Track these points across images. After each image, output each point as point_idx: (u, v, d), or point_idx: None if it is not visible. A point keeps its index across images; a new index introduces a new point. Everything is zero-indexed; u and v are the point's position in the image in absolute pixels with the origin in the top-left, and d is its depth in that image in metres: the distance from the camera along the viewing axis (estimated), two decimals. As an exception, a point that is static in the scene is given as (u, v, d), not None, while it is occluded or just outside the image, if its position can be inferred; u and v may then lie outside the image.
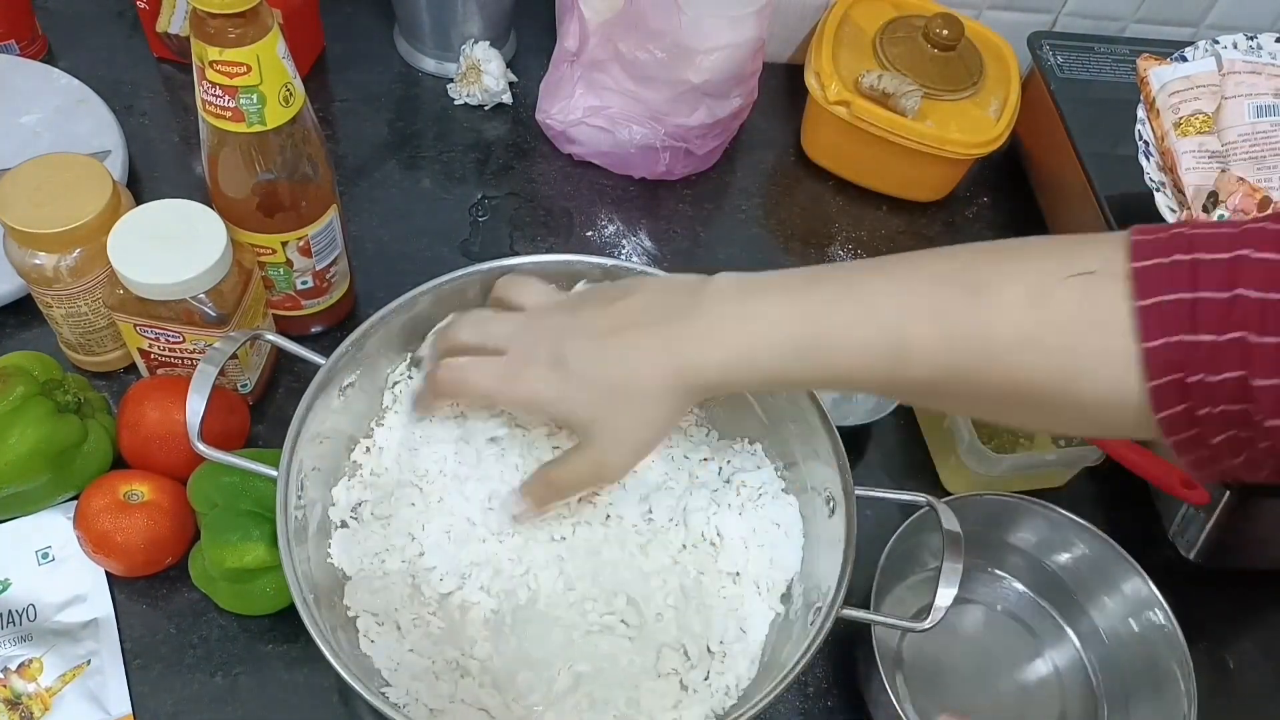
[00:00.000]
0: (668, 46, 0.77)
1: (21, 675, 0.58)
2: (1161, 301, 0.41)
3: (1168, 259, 0.42)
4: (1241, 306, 0.40)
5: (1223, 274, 0.40)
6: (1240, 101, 0.74)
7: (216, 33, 0.55)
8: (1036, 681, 0.67)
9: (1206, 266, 0.41)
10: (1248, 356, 0.40)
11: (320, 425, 0.57)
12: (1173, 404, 0.42)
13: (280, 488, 0.53)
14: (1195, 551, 0.70)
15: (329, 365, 0.57)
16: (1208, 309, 0.40)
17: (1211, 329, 0.40)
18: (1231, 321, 0.40)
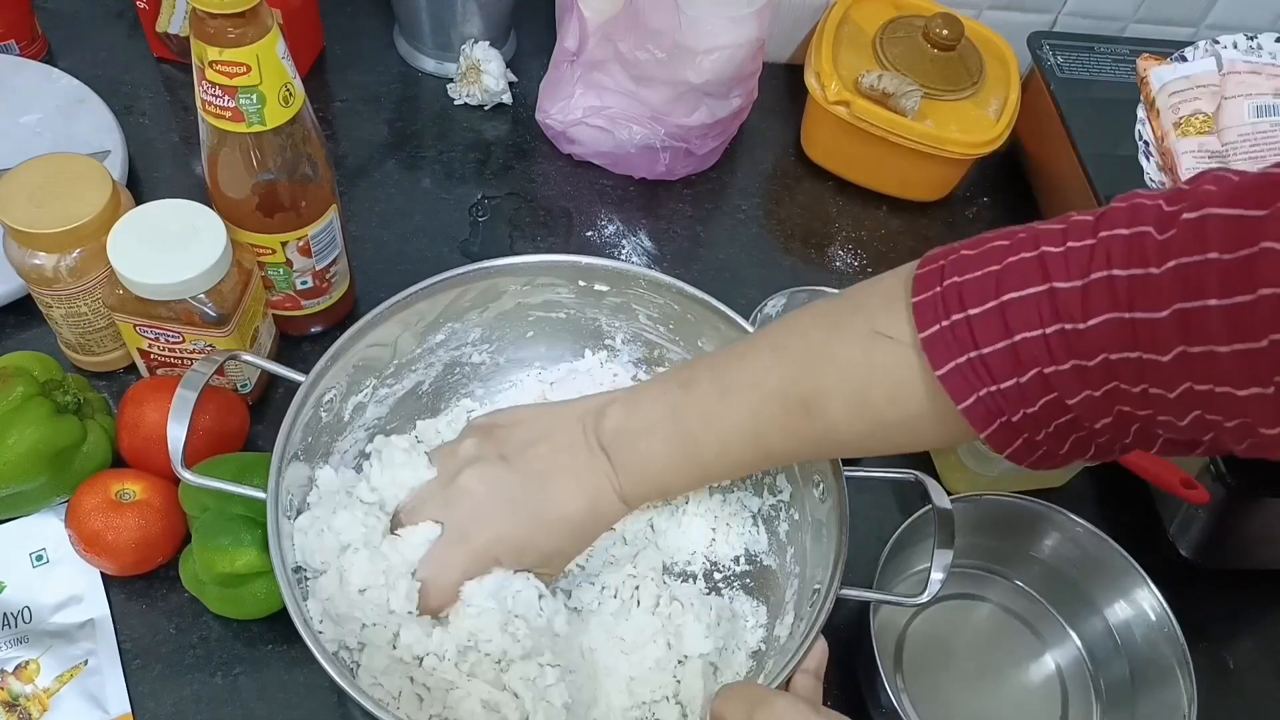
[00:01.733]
0: (667, 46, 0.77)
1: (19, 677, 0.58)
2: (957, 365, 0.45)
3: (947, 321, 0.45)
4: (1026, 348, 0.43)
5: (997, 325, 0.44)
6: (1240, 101, 0.74)
7: (216, 33, 0.55)
8: (1037, 680, 0.67)
9: (979, 321, 0.45)
10: (1050, 384, 0.44)
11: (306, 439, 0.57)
12: (1010, 441, 0.46)
13: (270, 509, 0.53)
14: (1195, 551, 0.70)
15: (309, 381, 0.57)
16: (998, 360, 0.44)
17: (1009, 375, 0.44)
18: (1023, 363, 0.44)
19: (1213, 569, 0.71)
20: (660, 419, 0.55)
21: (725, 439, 0.54)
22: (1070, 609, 0.69)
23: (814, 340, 0.52)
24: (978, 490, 0.68)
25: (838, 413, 0.50)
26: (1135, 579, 0.65)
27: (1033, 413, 0.44)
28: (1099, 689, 0.67)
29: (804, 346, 0.52)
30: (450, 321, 0.65)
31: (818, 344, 0.51)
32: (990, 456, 0.68)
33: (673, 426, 0.55)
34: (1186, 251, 0.39)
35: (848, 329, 0.51)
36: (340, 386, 0.60)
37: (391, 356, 0.63)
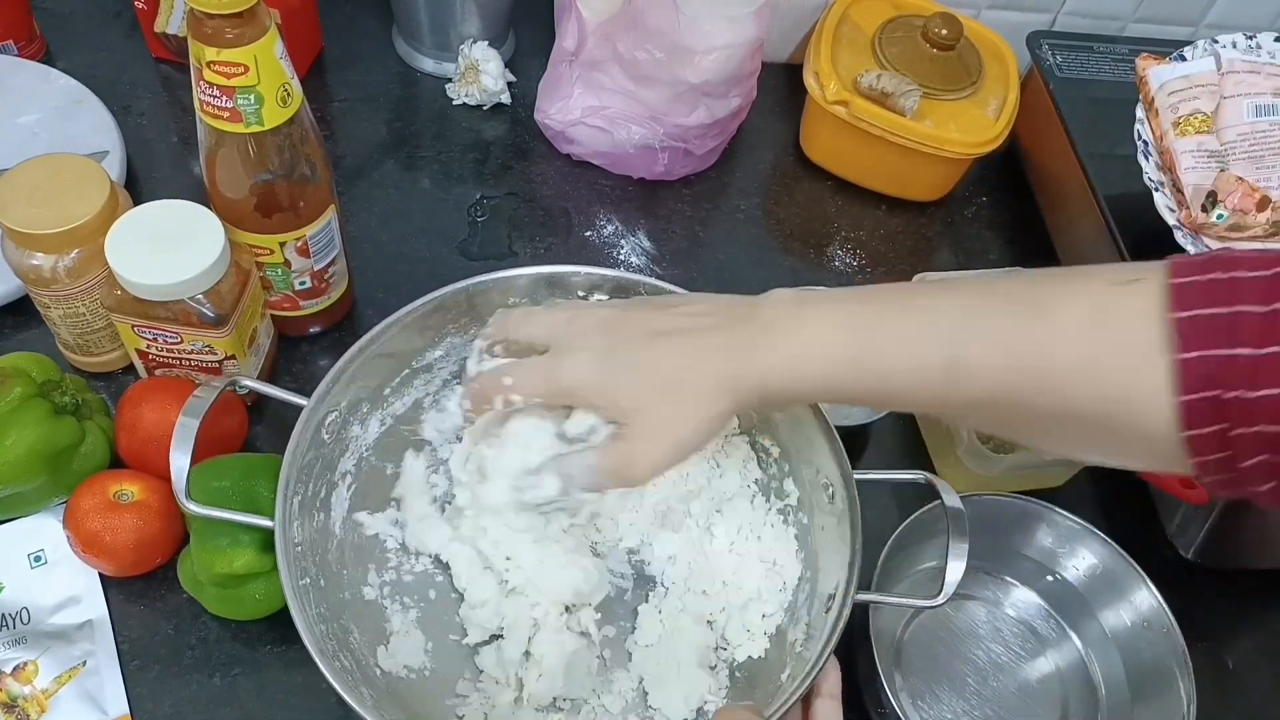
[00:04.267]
0: (666, 46, 0.77)
1: (17, 678, 0.58)
2: (1197, 315, 0.40)
3: (1205, 276, 0.41)
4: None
5: (1263, 289, 0.40)
6: (1239, 101, 0.74)
7: (214, 33, 0.54)
8: (1037, 681, 0.67)
9: (1246, 283, 0.40)
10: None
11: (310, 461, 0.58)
12: (1205, 422, 0.41)
13: (279, 537, 0.53)
14: (1195, 551, 0.70)
15: (311, 405, 0.57)
16: (1246, 323, 0.39)
17: (1250, 343, 0.39)
18: (1272, 336, 0.39)
19: (1212, 569, 0.71)
20: (847, 299, 0.49)
21: (923, 321, 0.46)
22: (1069, 610, 0.69)
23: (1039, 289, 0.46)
24: (977, 490, 0.68)
25: (1066, 319, 0.43)
26: (1135, 579, 0.65)
27: (1249, 400, 0.39)
28: (1098, 690, 0.67)
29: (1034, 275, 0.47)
30: (450, 337, 0.65)
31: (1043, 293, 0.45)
32: (989, 456, 0.68)
33: (860, 302, 0.48)
34: None
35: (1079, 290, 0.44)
36: (340, 409, 0.60)
37: (392, 375, 0.63)
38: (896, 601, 0.60)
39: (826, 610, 0.56)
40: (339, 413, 0.59)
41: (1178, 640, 0.63)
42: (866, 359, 0.47)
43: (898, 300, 0.48)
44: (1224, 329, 0.40)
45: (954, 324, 0.46)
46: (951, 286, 0.48)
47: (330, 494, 0.60)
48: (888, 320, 0.47)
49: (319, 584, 0.56)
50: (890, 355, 0.47)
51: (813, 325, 0.48)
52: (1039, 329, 0.44)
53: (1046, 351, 0.43)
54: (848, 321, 0.48)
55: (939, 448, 0.74)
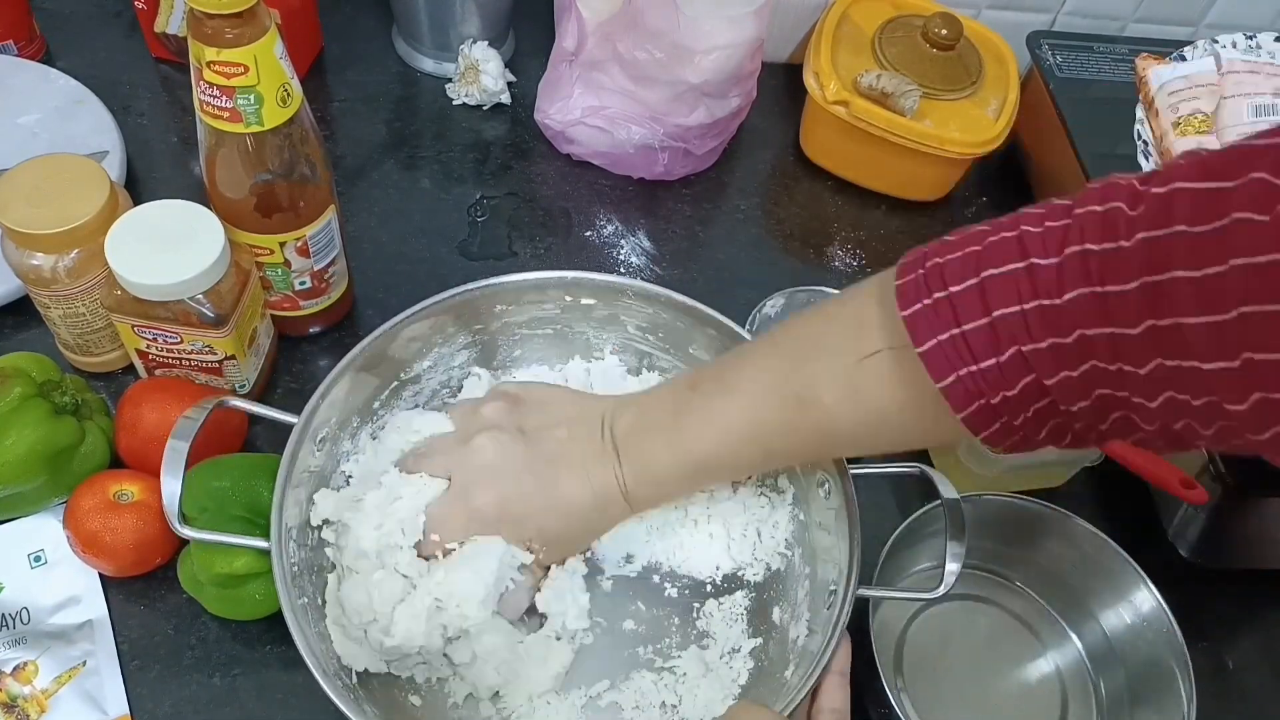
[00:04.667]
0: (666, 46, 0.77)
1: (16, 678, 0.58)
2: (938, 342, 0.45)
3: (929, 299, 0.46)
4: (1004, 325, 0.43)
5: (977, 301, 0.44)
6: (1239, 101, 0.74)
7: (214, 33, 0.54)
8: (1037, 681, 0.67)
9: (959, 298, 0.45)
10: (1029, 364, 0.43)
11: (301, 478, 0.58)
12: (989, 423, 0.46)
13: (275, 558, 0.53)
14: (1194, 551, 0.70)
15: (301, 424, 0.57)
16: (977, 338, 0.44)
17: (988, 354, 0.44)
18: (1002, 341, 0.44)
19: (1212, 569, 0.71)
20: (664, 418, 0.56)
21: (724, 437, 0.54)
22: (1069, 610, 0.69)
23: (807, 334, 0.53)
24: (977, 490, 0.68)
25: (830, 402, 0.51)
26: (1134, 579, 0.65)
27: (1012, 395, 0.44)
28: (1098, 690, 0.67)
29: (797, 341, 0.53)
30: (437, 347, 0.65)
31: (810, 337, 0.53)
32: (989, 457, 0.68)
33: (675, 426, 0.56)
34: (1154, 225, 0.39)
35: (837, 319, 0.52)
36: (331, 425, 0.60)
37: (381, 389, 0.63)
38: (897, 595, 0.60)
39: (828, 606, 0.56)
40: (329, 428, 0.59)
41: (1178, 640, 0.63)
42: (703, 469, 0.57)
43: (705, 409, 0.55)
44: (964, 349, 0.45)
45: (754, 426, 0.54)
46: (735, 379, 0.55)
47: None
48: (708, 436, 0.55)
49: (317, 602, 0.56)
50: (718, 462, 0.56)
51: (658, 453, 0.56)
52: (810, 416, 0.52)
53: (825, 429, 0.52)
54: (680, 446, 0.56)
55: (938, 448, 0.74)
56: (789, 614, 0.61)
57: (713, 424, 0.55)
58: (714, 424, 0.55)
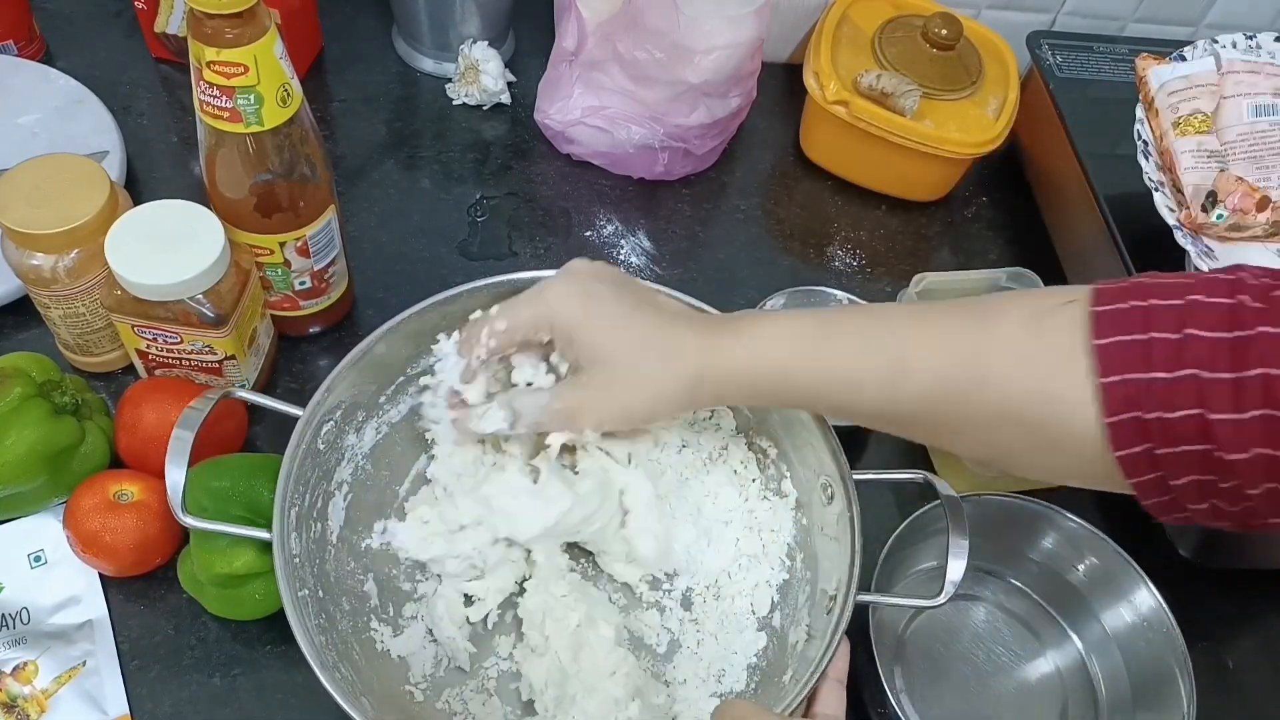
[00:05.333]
0: (666, 46, 0.77)
1: (16, 678, 0.58)
2: (1117, 341, 0.44)
3: (1125, 304, 0.44)
4: (1192, 346, 0.42)
5: (1174, 317, 0.43)
6: (1239, 101, 0.74)
7: (214, 33, 0.54)
8: (1037, 681, 0.67)
9: (1160, 311, 0.43)
10: (1202, 393, 0.42)
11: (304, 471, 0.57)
12: (1132, 442, 0.44)
13: (277, 550, 0.53)
14: (1194, 551, 0.70)
15: (306, 416, 0.57)
16: (1160, 348, 0.43)
17: (1164, 367, 0.42)
18: (1183, 360, 0.42)
19: (1212, 569, 0.71)
20: (794, 315, 0.54)
21: (858, 325, 0.51)
22: (1069, 610, 0.69)
23: (980, 314, 0.49)
24: (977, 490, 0.68)
25: (1009, 325, 0.47)
26: (1134, 579, 0.65)
27: (1170, 420, 0.43)
28: (1098, 690, 0.67)
29: (967, 302, 0.51)
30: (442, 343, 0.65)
31: (984, 317, 0.49)
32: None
33: (802, 314, 0.53)
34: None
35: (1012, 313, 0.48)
36: (336, 419, 0.59)
37: (386, 383, 0.63)
38: (897, 602, 0.60)
39: (827, 611, 0.56)
40: (334, 422, 0.59)
41: (1178, 640, 0.63)
42: (822, 349, 0.51)
43: (852, 311, 0.53)
44: (1140, 355, 0.43)
45: (902, 326, 0.50)
46: (911, 306, 0.52)
47: (327, 504, 0.60)
48: (842, 321, 0.52)
49: (317, 594, 0.56)
50: (842, 347, 0.51)
51: (775, 324, 0.53)
52: (978, 333, 0.48)
53: (984, 350, 0.48)
54: (806, 322, 0.52)
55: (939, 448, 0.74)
56: (789, 618, 0.61)
57: (865, 312, 0.53)
58: (866, 312, 0.52)
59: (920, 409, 0.50)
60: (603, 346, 0.53)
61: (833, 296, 0.75)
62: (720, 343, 0.52)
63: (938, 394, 0.49)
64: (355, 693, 0.52)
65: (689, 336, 0.53)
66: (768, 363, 0.52)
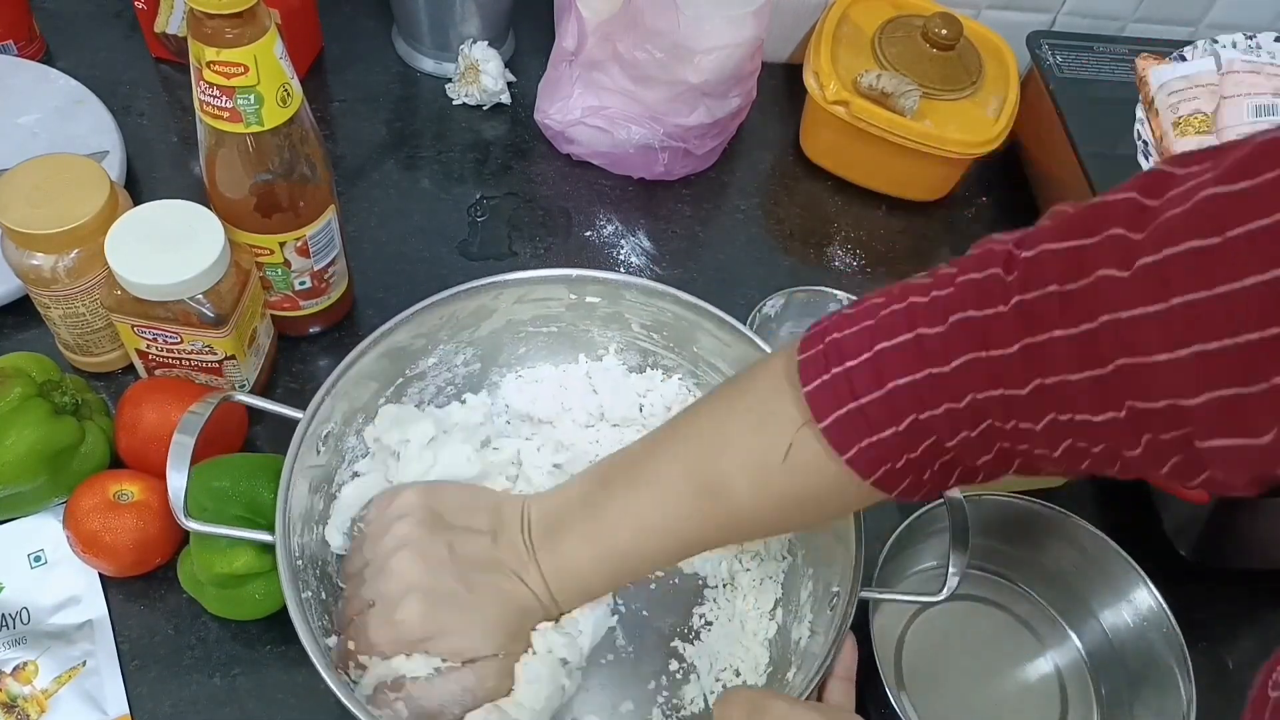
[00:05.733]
0: (666, 46, 0.77)
1: (16, 678, 0.58)
2: (838, 417, 0.46)
3: (828, 375, 0.46)
4: (900, 395, 0.44)
5: (872, 374, 0.45)
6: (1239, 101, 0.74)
7: (214, 33, 0.54)
8: (1037, 680, 0.67)
9: (856, 372, 0.46)
10: (928, 429, 0.45)
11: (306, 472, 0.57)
12: (896, 484, 0.47)
13: (280, 552, 0.53)
14: (1194, 551, 0.70)
15: (306, 419, 0.57)
16: (875, 409, 0.45)
17: (887, 423, 0.45)
18: (899, 411, 0.45)
19: (1212, 569, 0.71)
20: (580, 517, 0.55)
21: (640, 533, 0.54)
22: (1069, 609, 0.69)
23: (710, 424, 0.52)
24: (978, 491, 0.68)
25: (743, 492, 0.50)
26: (1134, 579, 0.65)
27: (915, 457, 0.46)
28: (1098, 689, 0.67)
29: (701, 432, 0.53)
30: (443, 344, 0.65)
31: (713, 427, 0.52)
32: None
33: (591, 523, 0.55)
34: (1027, 288, 0.40)
35: (738, 406, 0.51)
36: (336, 421, 0.59)
37: (386, 385, 0.63)
38: (900, 598, 0.60)
39: (830, 608, 0.56)
40: (335, 424, 0.59)
41: (1178, 640, 0.63)
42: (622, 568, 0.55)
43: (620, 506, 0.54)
44: (864, 422, 0.46)
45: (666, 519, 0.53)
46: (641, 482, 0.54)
47: (329, 506, 0.60)
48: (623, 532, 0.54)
49: (320, 596, 0.56)
50: (634, 558, 0.54)
51: (571, 558, 0.55)
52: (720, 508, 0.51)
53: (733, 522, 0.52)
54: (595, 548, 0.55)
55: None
56: (792, 615, 0.61)
57: (627, 521, 0.54)
58: (628, 520, 0.54)
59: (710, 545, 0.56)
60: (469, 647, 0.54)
61: (833, 296, 0.75)
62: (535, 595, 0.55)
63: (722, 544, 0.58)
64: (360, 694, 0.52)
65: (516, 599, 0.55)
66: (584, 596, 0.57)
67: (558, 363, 0.69)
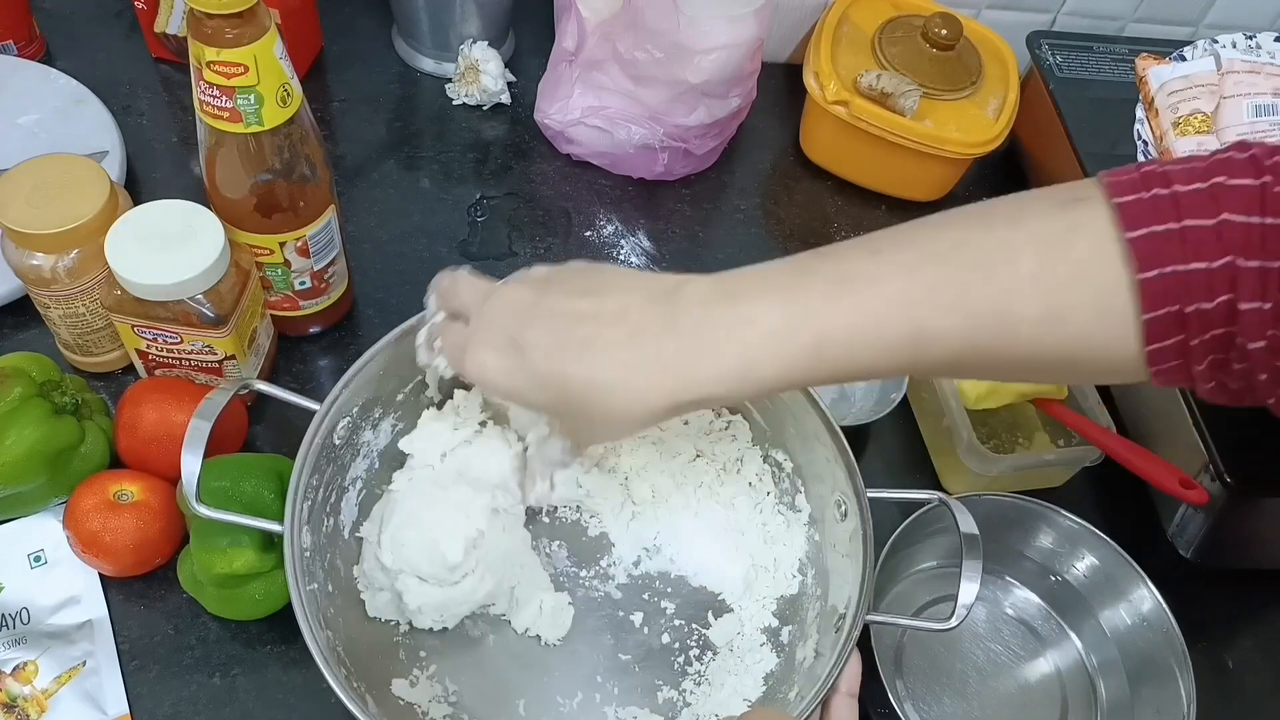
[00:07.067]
0: (666, 46, 0.77)
1: (16, 678, 0.58)
2: (1149, 233, 0.41)
3: (1147, 194, 0.41)
4: (1229, 232, 0.40)
5: (1203, 202, 0.40)
6: (1239, 101, 0.74)
7: (214, 33, 0.54)
8: (1037, 681, 0.67)
9: (1186, 197, 0.41)
10: (1235, 280, 0.40)
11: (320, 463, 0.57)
12: (1167, 335, 0.42)
13: (287, 543, 0.53)
14: (1194, 551, 0.70)
15: (324, 410, 0.57)
16: (1196, 236, 0.40)
17: (1204, 256, 0.40)
18: (1222, 247, 0.40)
19: (1212, 569, 0.71)
20: (776, 278, 0.45)
21: (866, 300, 0.43)
22: (1069, 610, 0.69)
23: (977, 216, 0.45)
24: (977, 490, 0.68)
25: (1024, 269, 0.42)
26: (1135, 580, 0.65)
27: (1205, 310, 0.41)
28: (1098, 690, 0.67)
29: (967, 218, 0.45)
30: None
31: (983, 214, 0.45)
32: (989, 456, 0.68)
33: (793, 285, 0.44)
34: None
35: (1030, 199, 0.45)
36: (353, 414, 0.59)
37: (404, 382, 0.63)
38: (907, 623, 0.59)
39: (836, 629, 0.56)
40: (351, 417, 0.59)
41: (1178, 640, 0.63)
42: (826, 350, 0.44)
43: (837, 270, 0.44)
44: (1176, 244, 0.40)
45: (910, 291, 0.43)
46: (891, 244, 0.45)
47: (340, 499, 0.60)
48: (836, 299, 0.43)
49: (326, 589, 0.56)
50: (850, 340, 0.43)
51: (759, 322, 0.44)
52: (996, 284, 0.43)
53: (1008, 307, 0.43)
54: (794, 310, 0.44)
55: (938, 448, 0.74)
56: (798, 634, 0.60)
57: (853, 285, 0.43)
58: (855, 285, 0.43)
59: (944, 369, 0.46)
60: (545, 409, 0.50)
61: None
62: (690, 368, 0.45)
63: (961, 358, 0.44)
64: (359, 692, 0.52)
65: (640, 371, 0.45)
66: (763, 379, 0.45)
67: None
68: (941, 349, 0.44)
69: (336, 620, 0.56)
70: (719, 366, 0.44)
